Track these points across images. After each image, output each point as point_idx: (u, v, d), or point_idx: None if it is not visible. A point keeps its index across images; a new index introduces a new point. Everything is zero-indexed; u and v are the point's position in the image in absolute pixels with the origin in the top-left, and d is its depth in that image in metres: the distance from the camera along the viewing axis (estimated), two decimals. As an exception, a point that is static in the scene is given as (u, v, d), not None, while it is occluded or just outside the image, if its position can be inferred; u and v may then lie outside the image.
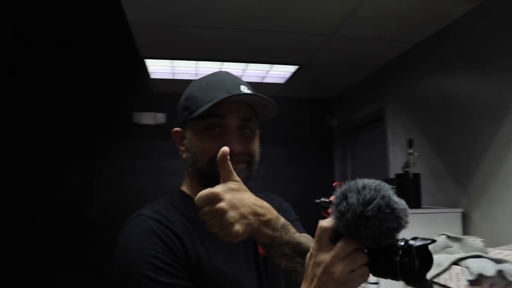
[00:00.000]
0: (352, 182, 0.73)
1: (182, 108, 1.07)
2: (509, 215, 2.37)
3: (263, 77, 4.18)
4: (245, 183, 0.95)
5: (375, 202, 0.69)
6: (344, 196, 0.71)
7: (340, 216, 0.70)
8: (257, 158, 1.07)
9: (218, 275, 0.96)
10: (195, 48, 3.48)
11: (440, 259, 1.98)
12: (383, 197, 0.69)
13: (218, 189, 0.84)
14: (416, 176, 2.73)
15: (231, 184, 0.87)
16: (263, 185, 1.26)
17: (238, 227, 0.82)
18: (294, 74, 4.03)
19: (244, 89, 1.04)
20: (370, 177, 0.72)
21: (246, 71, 3.96)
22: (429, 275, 2.08)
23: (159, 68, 3.97)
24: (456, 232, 2.53)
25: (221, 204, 0.82)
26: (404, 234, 0.69)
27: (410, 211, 2.27)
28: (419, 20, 2.85)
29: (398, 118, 3.57)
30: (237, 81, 1.07)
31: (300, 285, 0.80)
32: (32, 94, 4.52)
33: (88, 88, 4.65)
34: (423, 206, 2.79)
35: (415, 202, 2.70)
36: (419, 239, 0.70)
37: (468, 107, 2.69)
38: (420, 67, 3.25)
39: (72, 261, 4.39)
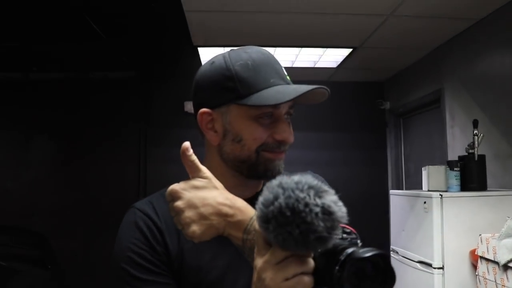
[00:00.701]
0: (278, 177, 0.66)
1: (221, 89, 0.94)
2: None
3: (315, 62, 4.15)
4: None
5: (276, 202, 0.62)
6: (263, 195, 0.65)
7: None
8: None
9: (203, 270, 0.92)
10: (247, 35, 3.49)
11: (509, 245, 1.93)
12: (288, 197, 0.61)
13: (177, 186, 0.79)
14: (481, 157, 2.65)
15: (195, 181, 0.79)
16: (316, 171, 1.22)
17: (194, 228, 0.75)
18: (347, 57, 3.98)
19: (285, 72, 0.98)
20: (426, 160, 0.63)
21: (299, 56, 3.94)
22: (503, 259, 2.01)
23: (211, 56, 4.00)
24: (525, 215, 2.45)
25: (178, 203, 0.77)
26: (471, 217, 0.59)
27: (475, 193, 2.20)
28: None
29: (457, 99, 3.47)
30: (278, 61, 1.00)
31: None
32: (85, 88, 4.68)
33: (140, 77, 4.77)
34: (489, 189, 2.72)
35: (480, 185, 2.63)
36: (367, 250, 0.61)
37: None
38: (482, 45, 3.14)
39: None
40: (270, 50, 3.77)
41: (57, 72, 4.76)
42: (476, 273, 2.24)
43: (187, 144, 0.79)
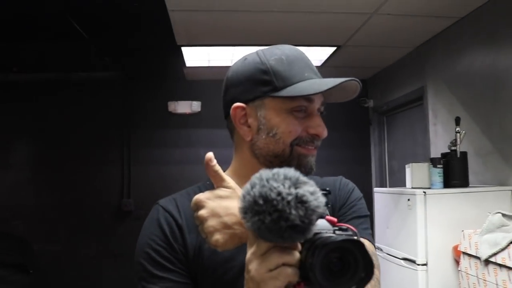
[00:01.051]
0: (258, 173, 0.67)
1: (256, 82, 0.95)
2: None
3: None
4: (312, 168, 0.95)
5: (251, 191, 0.63)
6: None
7: None
8: None
9: (220, 270, 0.92)
10: (231, 34, 3.49)
11: (497, 238, 1.96)
12: (262, 186, 0.63)
13: (202, 196, 0.80)
14: (463, 154, 2.69)
15: (220, 191, 0.80)
16: None
17: (218, 237, 0.77)
18: (331, 56, 4.00)
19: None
20: (409, 158, 0.64)
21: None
22: (485, 254, 2.03)
23: (194, 56, 4.00)
24: (507, 210, 2.48)
25: (202, 212, 0.78)
26: (454, 214, 0.59)
27: (457, 190, 2.23)
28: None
29: (440, 97, 3.51)
30: (309, 58, 1.00)
31: None
32: (68, 88, 4.63)
33: (124, 78, 4.72)
34: (470, 185, 2.75)
35: (462, 181, 2.66)
36: (341, 235, 0.63)
37: (517, 82, 2.62)
38: (464, 43, 3.18)
39: (111, 251, 4.51)
40: (254, 49, 3.80)
41: (39, 72, 4.69)
42: (459, 269, 2.26)
43: (210, 154, 0.82)
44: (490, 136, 2.88)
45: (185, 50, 3.82)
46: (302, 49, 1.02)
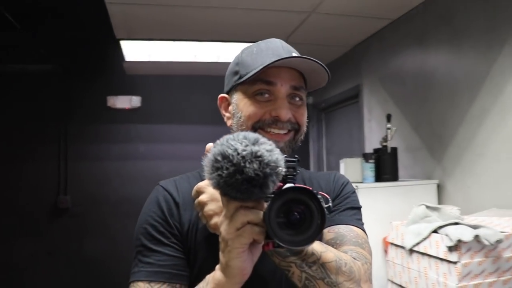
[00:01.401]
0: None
1: (231, 74, 1.05)
2: (481, 184, 2.49)
3: (240, 56, 4.18)
4: (289, 152, 1.00)
5: (212, 150, 0.69)
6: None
7: None
8: (304, 127, 1.06)
9: (213, 246, 0.94)
10: (171, 29, 3.46)
11: (420, 228, 2.07)
12: (221, 145, 0.69)
13: (202, 183, 0.87)
14: (394, 150, 2.82)
15: None
16: None
17: (217, 220, 0.82)
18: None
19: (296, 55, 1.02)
20: (346, 153, 0.71)
21: (224, 50, 3.95)
22: (409, 244, 2.13)
23: (134, 50, 3.93)
24: (432, 202, 2.63)
25: (202, 197, 0.86)
26: (385, 207, 0.66)
27: (388, 184, 2.34)
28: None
29: (375, 94, 3.65)
30: (289, 48, 1.05)
31: (293, 285, 0.83)
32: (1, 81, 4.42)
33: (61, 71, 4.57)
34: (400, 179, 2.89)
35: (393, 175, 2.79)
36: (293, 186, 0.69)
37: (444, 81, 2.78)
38: (397, 43, 3.32)
39: (47, 250, 4.37)
40: (195, 44, 3.80)
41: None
42: (387, 259, 2.38)
43: (210, 144, 0.82)
44: (419, 132, 3.03)
45: (124, 44, 3.75)
46: (242, 44, 1.09)
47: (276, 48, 1.02)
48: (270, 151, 0.68)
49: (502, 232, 1.92)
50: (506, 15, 2.31)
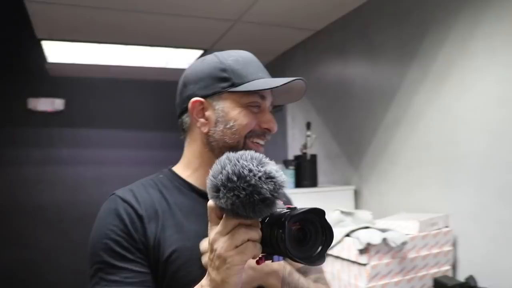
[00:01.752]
0: (224, 155, 0.74)
1: (215, 79, 1.02)
2: (394, 189, 2.64)
3: (167, 62, 4.16)
4: None
5: (224, 171, 0.70)
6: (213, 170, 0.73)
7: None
8: None
9: (183, 256, 0.94)
10: (96, 31, 3.39)
11: (335, 233, 2.16)
12: (235, 165, 0.70)
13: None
14: (313, 157, 2.92)
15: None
16: (141, 172, 1.28)
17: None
18: (199, 59, 4.06)
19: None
20: (271, 160, 0.75)
21: (150, 55, 3.92)
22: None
23: (57, 51, 3.80)
24: (349, 207, 2.77)
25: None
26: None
27: (307, 190, 2.44)
28: (320, 8, 3.02)
29: (298, 102, 3.76)
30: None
31: None
32: None
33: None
34: (320, 185, 2.99)
35: (312, 182, 2.89)
36: (304, 208, 0.71)
37: (362, 92, 2.93)
38: (320, 54, 3.45)
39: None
40: (121, 48, 3.73)
41: None
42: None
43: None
44: (338, 140, 3.17)
45: (46, 44, 3.62)
46: (169, 49, 1.09)
47: (255, 61, 1.07)
48: (278, 171, 0.72)
49: (407, 234, 2.06)
50: (414, 32, 2.48)
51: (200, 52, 3.89)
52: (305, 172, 2.85)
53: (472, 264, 2.15)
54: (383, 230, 2.05)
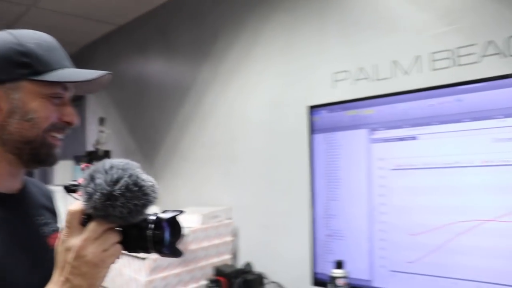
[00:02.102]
0: (100, 163, 0.73)
1: (13, 64, 0.88)
2: (186, 185, 2.75)
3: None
4: None
5: (122, 181, 0.70)
6: (91, 178, 0.71)
7: (88, 198, 0.70)
8: None
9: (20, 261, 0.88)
10: None
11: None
12: (130, 176, 0.71)
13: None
14: (106, 153, 2.87)
15: None
16: None
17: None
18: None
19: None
20: (66, 155, 0.73)
21: None
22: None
23: None
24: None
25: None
26: None
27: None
28: (123, 3, 2.98)
29: (98, 97, 3.66)
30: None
31: None
32: None
33: None
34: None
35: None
36: (169, 211, 0.75)
37: (158, 89, 2.97)
38: (122, 48, 3.41)
39: None
40: None
41: None
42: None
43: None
44: (135, 136, 3.16)
45: None
46: None
47: (61, 49, 0.97)
48: (150, 178, 0.75)
49: (188, 227, 2.15)
50: (208, 35, 2.61)
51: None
52: (97, 169, 2.78)
53: (250, 252, 2.35)
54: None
